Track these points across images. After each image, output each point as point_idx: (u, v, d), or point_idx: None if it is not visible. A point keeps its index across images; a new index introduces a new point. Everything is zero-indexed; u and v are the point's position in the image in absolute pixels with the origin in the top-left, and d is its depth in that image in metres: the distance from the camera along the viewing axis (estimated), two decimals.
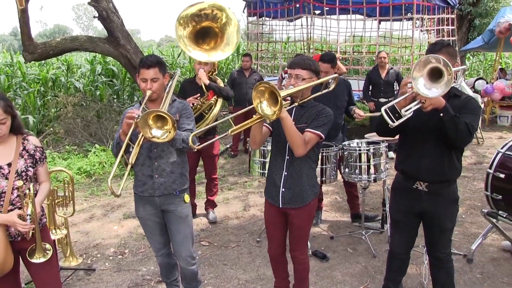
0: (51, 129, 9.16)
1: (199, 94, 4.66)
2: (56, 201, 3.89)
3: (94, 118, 9.51)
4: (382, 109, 2.63)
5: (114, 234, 5.00)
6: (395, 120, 2.65)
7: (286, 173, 2.98)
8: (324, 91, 3.07)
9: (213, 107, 4.75)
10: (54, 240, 3.58)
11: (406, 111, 2.66)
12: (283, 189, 2.98)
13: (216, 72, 5.06)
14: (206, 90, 4.69)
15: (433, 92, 2.47)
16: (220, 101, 4.81)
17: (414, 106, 2.66)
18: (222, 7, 4.00)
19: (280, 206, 3.01)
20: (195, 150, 2.90)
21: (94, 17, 8.34)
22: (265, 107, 2.54)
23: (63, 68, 12.36)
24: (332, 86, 3.17)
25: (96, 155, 7.73)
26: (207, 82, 4.70)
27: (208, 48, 4.11)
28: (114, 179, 6.26)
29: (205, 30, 4.09)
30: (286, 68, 8.15)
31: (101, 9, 8.05)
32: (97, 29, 72.14)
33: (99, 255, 4.50)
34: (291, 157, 2.93)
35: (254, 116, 2.70)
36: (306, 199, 2.99)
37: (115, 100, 11.55)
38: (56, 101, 9.98)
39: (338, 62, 7.07)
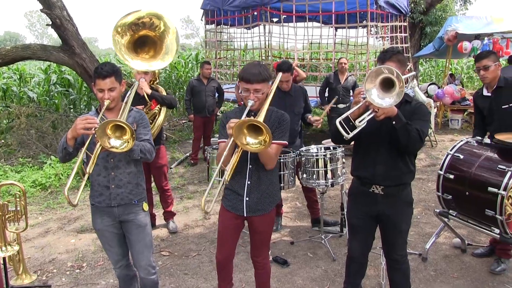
0: (3, 141, 8.83)
1: (143, 105, 4.59)
2: (7, 216, 3.73)
3: (50, 128, 9.24)
4: (337, 121, 2.72)
5: (71, 248, 4.86)
6: (349, 132, 2.75)
7: (249, 182, 2.96)
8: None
9: (157, 116, 4.72)
10: (4, 258, 3.45)
11: (360, 121, 2.74)
12: (247, 198, 2.96)
13: (157, 80, 5.02)
14: (148, 99, 4.64)
15: (386, 102, 2.56)
16: (164, 109, 4.78)
17: (367, 116, 2.73)
18: (159, 15, 3.95)
19: (245, 215, 2.99)
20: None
21: (48, 25, 8.15)
22: (251, 141, 2.59)
23: (15, 77, 11.98)
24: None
25: (52, 167, 7.49)
26: (149, 91, 4.63)
27: (148, 57, 4.05)
28: (71, 190, 6.03)
29: (143, 39, 4.04)
30: (239, 81, 8.22)
31: (55, 16, 7.87)
32: (52, 37, 70.01)
33: (55, 271, 4.36)
34: (254, 166, 2.94)
35: (237, 150, 2.74)
36: (271, 205, 3.04)
37: (72, 110, 11.29)
38: (8, 111, 9.66)
39: (298, 69, 7.20)
